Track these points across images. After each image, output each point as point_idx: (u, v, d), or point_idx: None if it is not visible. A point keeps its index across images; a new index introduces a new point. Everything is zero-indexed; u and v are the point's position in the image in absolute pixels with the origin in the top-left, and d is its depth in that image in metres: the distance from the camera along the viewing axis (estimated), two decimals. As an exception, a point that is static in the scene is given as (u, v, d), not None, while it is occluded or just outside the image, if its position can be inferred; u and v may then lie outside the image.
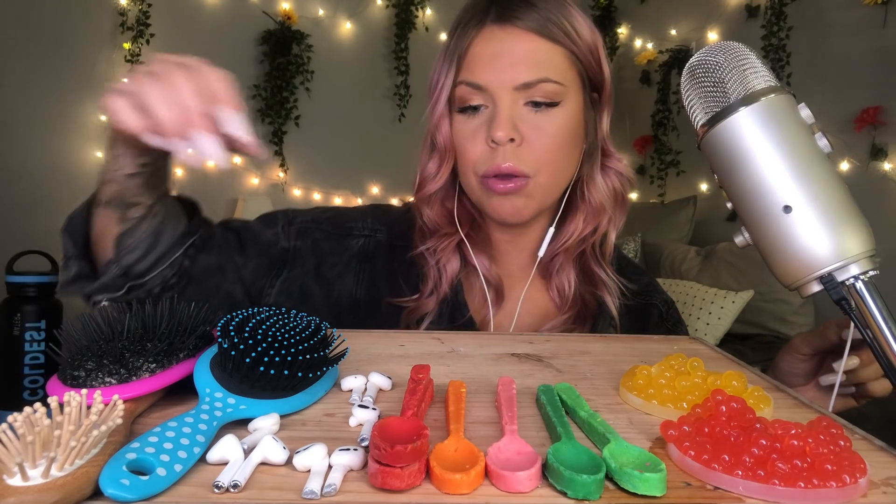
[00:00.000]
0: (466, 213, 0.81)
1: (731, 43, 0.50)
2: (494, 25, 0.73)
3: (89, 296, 0.66)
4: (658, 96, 3.40)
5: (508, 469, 0.32)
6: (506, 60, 0.71)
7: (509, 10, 0.72)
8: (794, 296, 2.35)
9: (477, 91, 0.72)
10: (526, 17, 0.72)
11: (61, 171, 2.69)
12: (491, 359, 0.58)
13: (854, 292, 0.45)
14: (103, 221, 0.64)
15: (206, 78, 0.50)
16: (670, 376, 0.46)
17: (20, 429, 0.29)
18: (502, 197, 0.73)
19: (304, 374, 0.41)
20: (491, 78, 0.71)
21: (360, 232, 0.83)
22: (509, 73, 0.71)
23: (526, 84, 0.71)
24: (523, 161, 0.71)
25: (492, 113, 0.72)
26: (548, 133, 0.72)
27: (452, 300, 0.78)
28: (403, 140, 3.32)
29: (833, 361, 0.65)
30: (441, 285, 0.77)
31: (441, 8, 3.48)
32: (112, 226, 0.63)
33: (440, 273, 0.78)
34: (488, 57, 0.72)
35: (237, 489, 0.30)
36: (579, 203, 0.79)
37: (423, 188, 0.78)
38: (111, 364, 0.39)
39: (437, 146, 0.76)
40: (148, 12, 2.83)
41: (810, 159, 0.46)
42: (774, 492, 0.32)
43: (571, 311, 0.80)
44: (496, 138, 0.70)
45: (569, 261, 0.81)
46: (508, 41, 0.72)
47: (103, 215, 0.63)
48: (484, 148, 0.72)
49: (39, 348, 1.04)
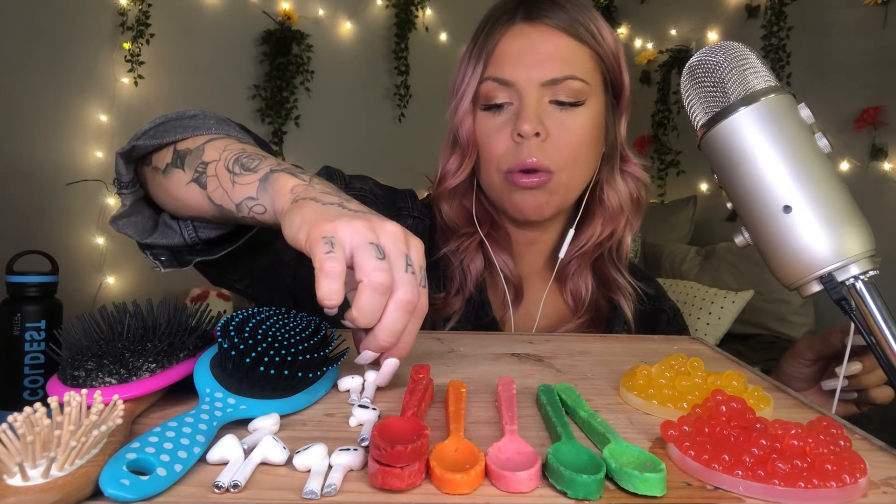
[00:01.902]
0: (484, 213, 0.81)
1: (730, 43, 0.50)
2: (524, 23, 0.74)
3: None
4: (658, 96, 3.40)
5: (508, 469, 0.32)
6: (534, 57, 0.72)
7: (538, 9, 0.74)
8: (794, 296, 2.35)
9: (503, 87, 0.73)
10: (555, 15, 0.73)
11: (61, 171, 2.68)
12: (491, 359, 0.58)
13: (854, 292, 0.45)
14: (205, 207, 0.57)
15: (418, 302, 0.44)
16: (670, 376, 0.46)
17: (20, 429, 0.29)
18: (525, 192, 0.74)
19: (303, 374, 0.41)
20: (519, 73, 0.72)
21: (410, 213, 0.83)
22: (537, 69, 0.72)
23: (553, 80, 0.71)
24: (548, 156, 0.72)
25: (517, 109, 0.73)
26: (572, 130, 0.73)
27: (477, 300, 0.78)
28: (403, 140, 3.32)
29: (836, 367, 0.66)
30: (466, 285, 0.77)
31: (441, 8, 3.48)
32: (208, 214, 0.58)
33: (465, 273, 0.78)
34: (516, 53, 0.73)
35: (237, 489, 0.30)
36: (597, 207, 0.80)
37: (444, 183, 0.79)
38: (111, 364, 0.39)
39: (460, 142, 0.76)
40: (148, 12, 2.83)
41: (810, 159, 0.46)
42: (774, 492, 0.32)
43: (587, 315, 0.81)
44: (523, 131, 0.70)
45: (586, 265, 0.82)
46: (537, 38, 0.73)
47: (210, 208, 0.56)
48: (509, 143, 0.73)
49: (39, 348, 1.04)
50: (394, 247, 0.44)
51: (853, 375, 0.64)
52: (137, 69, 2.82)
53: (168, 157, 0.58)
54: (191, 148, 0.57)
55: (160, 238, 0.62)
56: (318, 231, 0.42)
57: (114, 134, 2.79)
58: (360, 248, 0.42)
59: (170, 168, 0.58)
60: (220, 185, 0.55)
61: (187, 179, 0.56)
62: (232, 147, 0.56)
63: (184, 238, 0.62)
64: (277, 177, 0.51)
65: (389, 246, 0.44)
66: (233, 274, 0.68)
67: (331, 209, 0.46)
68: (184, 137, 0.58)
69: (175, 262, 0.63)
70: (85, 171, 2.74)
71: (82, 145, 2.76)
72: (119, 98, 2.83)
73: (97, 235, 2.79)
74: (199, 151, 0.56)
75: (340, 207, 0.47)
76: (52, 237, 2.60)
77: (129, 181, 0.60)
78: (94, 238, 2.79)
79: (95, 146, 2.78)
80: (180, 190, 0.57)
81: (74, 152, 2.74)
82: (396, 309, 0.43)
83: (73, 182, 2.68)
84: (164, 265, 0.62)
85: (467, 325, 0.77)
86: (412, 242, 0.46)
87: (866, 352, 0.62)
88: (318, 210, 0.46)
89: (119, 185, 0.61)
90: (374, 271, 0.41)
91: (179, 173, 0.57)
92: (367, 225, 0.44)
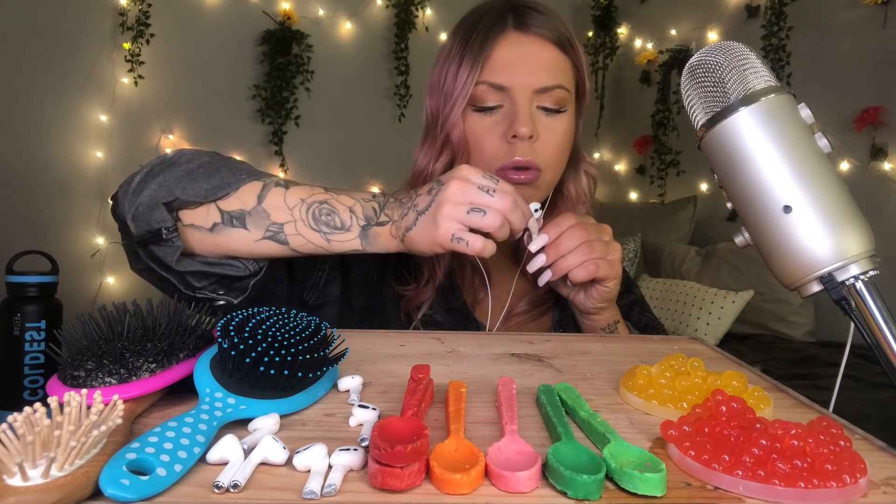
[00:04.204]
0: None
1: (730, 43, 0.50)
2: (516, 32, 0.78)
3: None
4: (658, 96, 3.39)
5: (508, 469, 0.32)
6: (528, 65, 0.77)
7: (528, 18, 0.78)
8: (794, 296, 2.35)
9: (496, 91, 0.77)
10: (542, 25, 0.78)
11: (61, 170, 2.69)
12: (491, 359, 0.58)
13: (854, 292, 0.45)
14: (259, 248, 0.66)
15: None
16: (670, 376, 0.46)
17: (20, 429, 0.29)
18: (515, 187, 0.76)
19: (303, 374, 0.41)
20: (514, 80, 0.76)
21: None
22: (531, 76, 0.76)
23: (544, 88, 0.77)
24: (538, 156, 0.77)
25: (509, 111, 0.77)
26: (557, 133, 0.79)
27: (446, 286, 0.83)
28: (403, 140, 3.30)
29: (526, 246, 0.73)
30: (436, 273, 0.82)
31: (441, 8, 3.48)
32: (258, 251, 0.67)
33: (434, 263, 0.82)
34: (511, 60, 0.77)
35: (237, 489, 0.30)
36: (560, 199, 0.87)
37: (422, 179, 0.82)
38: (111, 364, 0.39)
39: (453, 142, 0.79)
40: (148, 12, 2.83)
41: (810, 159, 0.46)
42: (774, 492, 0.32)
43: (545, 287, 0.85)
44: (519, 133, 0.75)
45: None
46: (530, 47, 0.78)
47: (266, 246, 0.66)
48: (500, 143, 0.77)
49: (39, 348, 1.04)
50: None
51: (545, 246, 0.72)
52: (137, 69, 2.82)
53: (212, 216, 0.65)
54: (246, 210, 0.65)
55: (221, 269, 0.68)
56: (445, 231, 0.61)
57: (113, 134, 2.79)
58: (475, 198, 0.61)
59: (220, 227, 0.65)
60: (308, 241, 0.65)
61: (257, 238, 0.65)
62: (292, 201, 0.65)
63: (247, 269, 0.69)
64: (377, 232, 0.65)
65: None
66: (231, 292, 0.71)
67: (414, 216, 0.63)
68: (223, 195, 0.65)
69: (236, 290, 0.70)
70: (85, 171, 2.74)
71: (82, 145, 2.76)
72: (119, 98, 2.83)
73: (97, 235, 2.79)
74: (261, 212, 0.65)
75: (416, 211, 0.63)
76: (52, 237, 2.60)
77: (173, 225, 0.65)
78: (94, 238, 2.79)
79: (95, 146, 2.77)
80: (246, 246, 0.66)
81: (74, 152, 2.74)
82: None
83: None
84: (233, 297, 0.70)
85: (439, 309, 0.82)
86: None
87: (547, 226, 0.73)
88: (422, 223, 0.62)
89: (166, 231, 0.64)
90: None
91: (241, 232, 0.65)
92: (459, 187, 0.62)
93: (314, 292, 0.80)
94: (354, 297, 0.82)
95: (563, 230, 0.72)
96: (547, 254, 0.73)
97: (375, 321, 0.82)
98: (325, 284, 0.80)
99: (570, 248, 0.72)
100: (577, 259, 0.72)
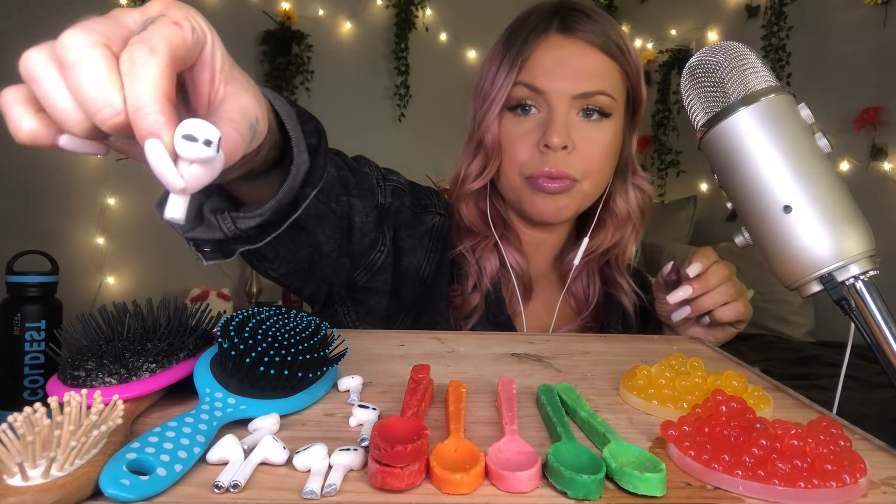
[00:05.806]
0: (497, 214, 0.83)
1: (731, 43, 0.50)
2: (559, 35, 0.76)
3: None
4: (658, 96, 3.39)
5: (508, 469, 0.32)
6: (568, 70, 0.74)
7: (574, 22, 0.76)
8: (794, 296, 2.34)
9: (533, 94, 0.75)
10: (589, 30, 0.75)
11: (61, 170, 2.68)
12: (491, 359, 0.58)
13: (854, 292, 0.45)
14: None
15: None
16: (670, 376, 0.46)
17: (20, 429, 0.29)
18: (547, 195, 0.76)
19: (303, 374, 0.41)
20: (552, 84, 0.74)
21: (436, 209, 0.84)
22: (570, 82, 0.74)
23: (584, 94, 0.74)
24: (572, 166, 0.74)
25: (545, 118, 0.74)
26: (597, 143, 0.76)
27: (494, 297, 0.81)
28: (403, 140, 3.31)
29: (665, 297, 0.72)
30: (483, 281, 0.80)
31: (441, 8, 3.48)
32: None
33: (481, 271, 0.80)
34: (551, 64, 0.75)
35: (237, 489, 0.30)
36: (607, 216, 0.83)
37: (465, 185, 0.81)
38: (111, 364, 0.39)
39: (485, 146, 0.77)
40: (148, 12, 2.83)
41: (810, 159, 0.46)
42: (774, 492, 0.32)
43: (591, 315, 0.84)
44: (551, 143, 0.73)
45: (594, 270, 0.86)
46: (572, 51, 0.75)
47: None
48: (534, 151, 0.75)
49: (39, 348, 1.04)
50: None
51: (692, 299, 0.70)
52: (137, 69, 2.82)
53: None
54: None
55: (202, 233, 0.62)
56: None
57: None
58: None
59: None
60: None
61: None
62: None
63: (223, 232, 0.61)
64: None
65: None
66: (272, 262, 0.69)
67: None
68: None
69: (218, 252, 0.62)
70: (85, 171, 2.73)
71: (82, 145, 2.76)
72: (119, 98, 2.83)
73: (97, 235, 2.79)
74: None
75: None
76: (52, 237, 2.60)
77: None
78: (94, 238, 2.79)
79: (95, 146, 2.77)
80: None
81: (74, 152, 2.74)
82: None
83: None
84: (206, 257, 0.61)
85: (486, 324, 0.79)
86: None
87: (687, 279, 0.70)
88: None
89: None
90: None
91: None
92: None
93: (367, 273, 0.76)
94: (404, 289, 0.79)
95: (711, 264, 0.69)
96: (693, 286, 0.69)
97: (423, 319, 0.79)
98: (380, 270, 0.76)
99: (716, 286, 0.69)
100: (721, 297, 0.69)
